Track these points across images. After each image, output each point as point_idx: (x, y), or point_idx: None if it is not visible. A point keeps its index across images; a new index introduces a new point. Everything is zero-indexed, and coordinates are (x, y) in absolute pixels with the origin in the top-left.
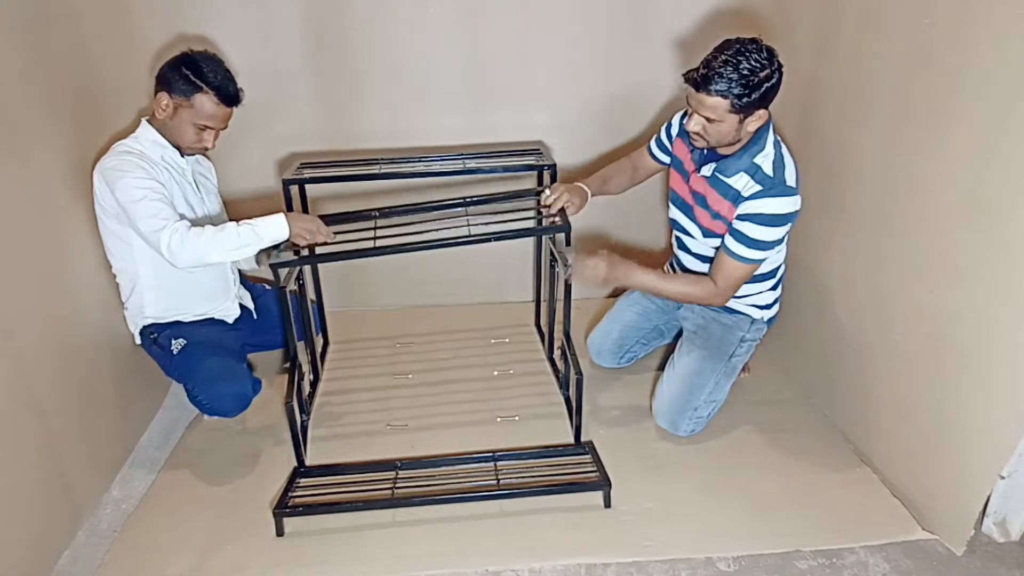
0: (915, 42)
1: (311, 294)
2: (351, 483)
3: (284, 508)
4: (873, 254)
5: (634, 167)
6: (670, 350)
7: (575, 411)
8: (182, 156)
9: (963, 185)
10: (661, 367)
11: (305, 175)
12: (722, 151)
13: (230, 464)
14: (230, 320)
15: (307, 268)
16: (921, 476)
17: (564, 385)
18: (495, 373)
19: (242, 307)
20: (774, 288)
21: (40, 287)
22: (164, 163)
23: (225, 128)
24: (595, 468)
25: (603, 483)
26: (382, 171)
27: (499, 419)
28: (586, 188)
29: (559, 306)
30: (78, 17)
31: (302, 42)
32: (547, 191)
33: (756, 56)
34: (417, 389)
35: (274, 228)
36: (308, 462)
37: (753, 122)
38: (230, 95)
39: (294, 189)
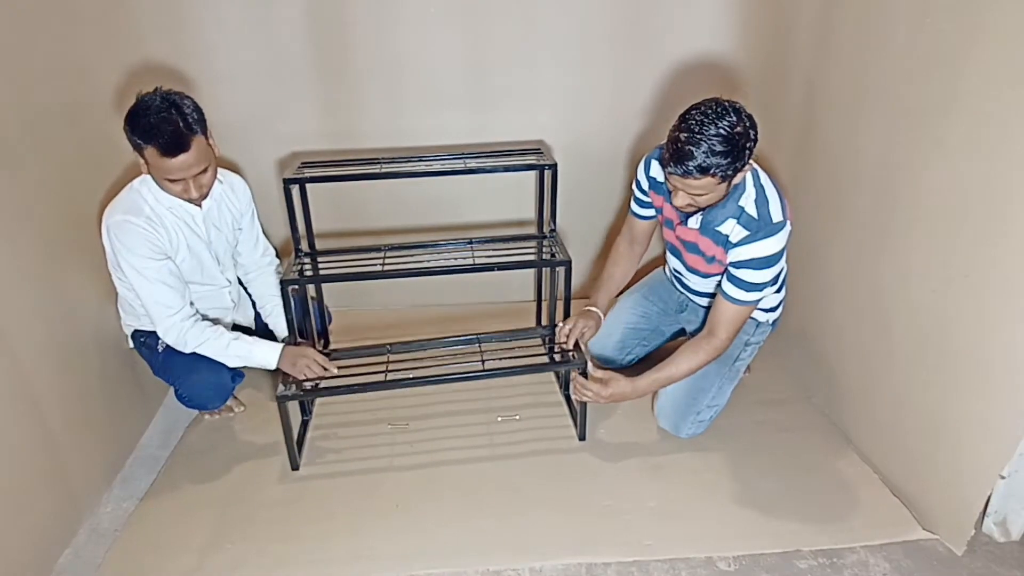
0: (914, 41)
1: (312, 293)
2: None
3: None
4: (873, 254)
5: (631, 240)
6: (673, 350)
7: (580, 409)
8: (199, 203)
9: (962, 185)
10: None
11: (306, 175)
12: None
13: (231, 463)
14: None
15: (310, 272)
16: (921, 476)
17: (565, 385)
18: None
19: (241, 327)
20: (779, 291)
21: (40, 286)
22: (174, 215)
23: (204, 172)
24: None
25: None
26: (383, 170)
27: (500, 418)
28: (597, 310)
29: (560, 305)
30: (76, 15)
31: (303, 41)
32: (560, 325)
33: (727, 126)
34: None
35: (265, 357)
36: (305, 461)
37: (740, 176)
38: (169, 143)
39: (295, 188)
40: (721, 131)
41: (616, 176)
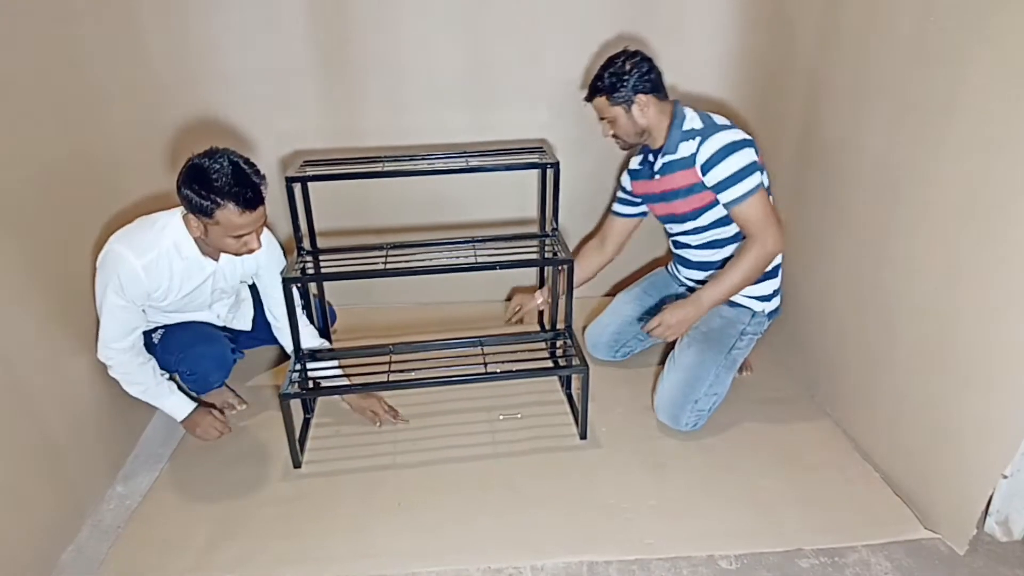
0: (916, 40)
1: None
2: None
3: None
4: (875, 252)
5: (602, 238)
6: (670, 346)
7: (583, 400)
8: (216, 258)
9: (964, 183)
10: (662, 362)
11: (308, 173)
12: (656, 144)
13: (233, 460)
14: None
15: (312, 270)
16: (923, 475)
17: (566, 384)
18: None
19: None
20: (773, 279)
21: (42, 283)
22: (186, 265)
23: (263, 224)
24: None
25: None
26: (385, 169)
27: (502, 417)
28: (539, 292)
29: (562, 304)
30: (75, 11)
31: (305, 39)
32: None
33: (620, 59)
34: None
35: (174, 411)
36: (307, 459)
37: (640, 108)
38: (249, 199)
39: (297, 187)
40: (613, 64)
41: (618, 175)
